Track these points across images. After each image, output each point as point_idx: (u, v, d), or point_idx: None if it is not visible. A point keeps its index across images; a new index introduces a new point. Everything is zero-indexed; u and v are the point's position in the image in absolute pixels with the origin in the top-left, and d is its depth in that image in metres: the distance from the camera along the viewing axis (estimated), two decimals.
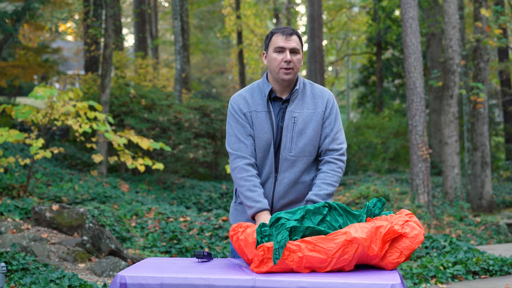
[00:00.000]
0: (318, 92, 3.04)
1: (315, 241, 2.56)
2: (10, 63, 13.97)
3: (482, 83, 12.27)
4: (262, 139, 2.97)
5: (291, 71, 2.95)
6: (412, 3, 10.36)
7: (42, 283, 4.83)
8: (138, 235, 7.64)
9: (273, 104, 3.01)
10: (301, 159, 2.97)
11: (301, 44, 2.98)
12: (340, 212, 2.73)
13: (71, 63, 24.77)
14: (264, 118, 2.98)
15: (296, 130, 2.96)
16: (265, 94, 3.00)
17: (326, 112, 3.01)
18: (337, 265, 2.57)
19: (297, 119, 2.97)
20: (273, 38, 2.97)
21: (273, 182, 2.98)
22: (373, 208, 2.80)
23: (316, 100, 3.02)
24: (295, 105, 2.99)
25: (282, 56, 2.94)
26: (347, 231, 2.58)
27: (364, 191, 12.65)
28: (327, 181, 2.95)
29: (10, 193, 8.21)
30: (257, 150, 2.99)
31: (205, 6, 25.74)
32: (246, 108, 3.00)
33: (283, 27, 2.98)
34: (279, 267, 2.58)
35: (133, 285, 2.56)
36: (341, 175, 3.02)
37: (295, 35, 2.97)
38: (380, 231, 2.60)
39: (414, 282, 5.87)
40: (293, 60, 2.94)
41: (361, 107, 23.22)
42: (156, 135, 12.35)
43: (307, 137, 2.97)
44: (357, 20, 26.52)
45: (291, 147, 2.96)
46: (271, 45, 2.98)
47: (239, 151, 2.98)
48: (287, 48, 2.94)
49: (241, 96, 3.04)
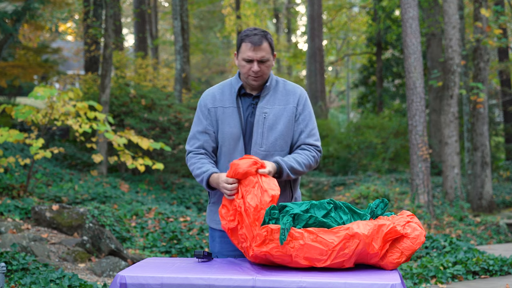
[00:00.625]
0: (290, 89, 3.05)
1: (318, 232, 2.59)
2: (10, 63, 13.97)
3: (482, 83, 12.27)
4: (228, 133, 2.98)
5: (260, 78, 2.97)
6: (412, 3, 10.36)
7: (42, 283, 4.83)
8: (138, 235, 7.64)
9: (243, 100, 3.03)
10: (272, 153, 2.97)
11: (271, 48, 2.96)
12: (345, 210, 2.75)
13: (71, 63, 24.78)
14: (232, 113, 3.00)
15: (267, 125, 2.97)
16: (235, 90, 3.02)
17: (298, 108, 3.02)
18: (336, 259, 2.57)
19: (267, 114, 2.98)
20: (242, 46, 2.95)
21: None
22: (375, 209, 2.81)
23: (288, 96, 3.03)
24: (266, 101, 3.00)
25: (250, 65, 2.94)
26: (349, 226, 2.60)
27: (364, 191, 12.66)
28: (297, 159, 2.95)
29: (10, 193, 8.21)
30: (223, 146, 3.01)
31: (205, 6, 25.74)
32: (212, 103, 3.03)
33: (252, 33, 2.94)
34: (278, 251, 2.59)
35: (133, 285, 2.56)
36: (312, 164, 2.99)
37: (265, 41, 2.93)
38: (382, 229, 2.62)
39: (414, 282, 5.87)
40: (261, 69, 2.95)
41: (361, 107, 23.22)
42: (156, 135, 12.36)
43: (278, 132, 2.97)
44: (357, 20, 26.52)
45: (262, 142, 2.96)
46: (240, 53, 2.97)
47: (191, 146, 3.05)
48: (255, 59, 2.93)
49: (210, 92, 3.08)
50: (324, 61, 24.06)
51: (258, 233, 2.61)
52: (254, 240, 2.63)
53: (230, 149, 2.99)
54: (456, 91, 11.54)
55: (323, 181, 16.31)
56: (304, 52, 27.43)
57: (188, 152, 3.07)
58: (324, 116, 22.32)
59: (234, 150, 2.99)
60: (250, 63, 2.94)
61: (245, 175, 2.74)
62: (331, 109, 35.43)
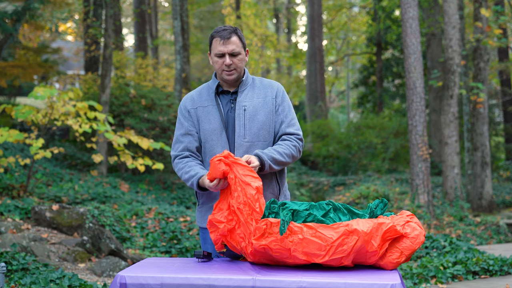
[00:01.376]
0: (267, 83, 3.15)
1: (317, 227, 2.60)
2: (10, 63, 13.97)
3: (482, 83, 12.26)
4: (209, 130, 3.05)
5: (234, 71, 3.05)
6: (412, 3, 10.36)
7: (42, 283, 4.83)
8: (138, 235, 7.64)
9: (222, 98, 3.11)
10: (256, 143, 3.03)
11: (242, 42, 3.06)
12: (344, 211, 2.76)
13: (71, 63, 24.78)
14: (211, 110, 3.07)
15: (248, 116, 3.04)
16: (212, 90, 3.10)
17: (277, 100, 3.10)
18: (335, 255, 2.57)
19: (247, 107, 3.05)
20: (213, 43, 3.04)
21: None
22: (375, 209, 2.81)
23: (265, 90, 3.11)
24: (244, 95, 3.08)
25: (222, 60, 3.03)
26: (349, 223, 2.62)
27: (364, 191, 12.65)
28: (277, 149, 3.00)
29: (10, 193, 8.21)
30: (206, 143, 3.06)
31: (205, 6, 25.74)
32: (191, 105, 3.11)
33: (222, 29, 3.04)
34: (277, 245, 2.60)
35: (133, 285, 2.56)
36: (295, 154, 3.05)
37: (235, 35, 3.03)
38: (382, 228, 2.63)
39: (414, 282, 5.87)
40: (233, 62, 3.03)
41: (361, 107, 23.22)
42: (156, 135, 12.35)
43: (260, 122, 3.04)
44: (357, 20, 26.51)
45: (245, 133, 3.03)
46: (212, 49, 3.06)
47: (175, 151, 3.11)
48: (226, 53, 3.01)
49: (189, 96, 3.17)
50: (324, 61, 24.06)
51: (257, 226, 2.63)
52: (253, 234, 2.64)
53: (213, 145, 3.05)
54: (456, 91, 11.53)
55: (323, 181, 16.31)
56: (304, 52, 27.43)
57: (174, 157, 3.12)
58: (324, 116, 22.32)
59: (217, 145, 3.04)
60: (222, 58, 3.03)
61: (223, 174, 2.78)
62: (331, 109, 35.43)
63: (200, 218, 3.15)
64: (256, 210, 2.68)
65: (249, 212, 2.68)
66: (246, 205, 2.69)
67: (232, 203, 2.73)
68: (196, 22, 30.18)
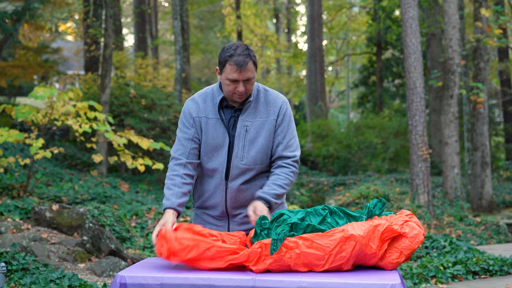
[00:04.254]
0: (271, 100, 3.02)
1: (312, 237, 2.58)
2: (10, 63, 13.97)
3: (482, 83, 12.26)
4: (211, 145, 2.98)
5: (244, 96, 2.95)
6: (412, 3, 10.36)
7: (42, 283, 4.83)
8: (138, 235, 7.64)
9: (225, 112, 3.01)
10: (253, 167, 2.98)
11: (255, 66, 2.92)
12: (340, 214, 2.74)
13: (71, 63, 24.78)
14: (215, 124, 2.98)
15: (248, 139, 2.96)
16: (216, 102, 2.99)
17: (278, 119, 2.99)
18: (334, 263, 2.57)
19: (249, 128, 2.97)
20: (227, 67, 2.87)
21: (224, 189, 2.99)
22: (373, 209, 2.81)
23: (269, 108, 3.00)
24: (247, 113, 2.98)
25: (235, 85, 2.90)
26: (344, 228, 2.59)
27: (364, 191, 12.65)
28: (277, 182, 2.95)
29: (10, 193, 8.21)
30: (204, 156, 3.01)
31: (205, 6, 25.74)
32: (196, 113, 3.01)
33: (236, 53, 2.86)
34: (277, 264, 2.58)
35: (133, 285, 2.56)
36: (293, 180, 3.01)
37: (250, 61, 2.88)
38: (378, 229, 2.61)
39: (414, 282, 5.87)
40: (246, 88, 2.92)
41: (361, 107, 23.23)
42: (156, 135, 12.35)
43: (258, 146, 2.97)
44: (357, 20, 26.51)
45: (242, 156, 2.96)
46: (224, 72, 2.90)
47: (175, 152, 3.02)
48: (240, 81, 2.89)
49: (193, 101, 3.05)
50: (324, 61, 24.05)
51: (252, 251, 2.59)
52: (248, 261, 2.61)
53: (211, 160, 3.00)
54: (456, 91, 11.53)
55: (323, 181, 16.31)
56: (304, 52, 27.43)
57: (171, 158, 3.05)
58: (324, 116, 22.32)
59: (216, 162, 2.99)
60: (235, 83, 2.90)
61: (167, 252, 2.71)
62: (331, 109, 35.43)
63: (194, 221, 3.15)
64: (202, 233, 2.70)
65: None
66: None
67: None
68: (196, 22, 30.18)
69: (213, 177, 3.01)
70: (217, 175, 2.99)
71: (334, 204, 12.69)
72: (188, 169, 2.99)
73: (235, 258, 2.60)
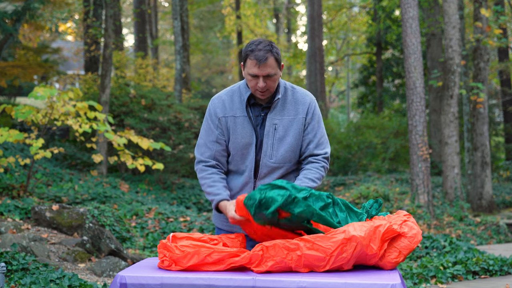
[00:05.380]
0: (299, 97, 3.02)
1: (314, 239, 2.57)
2: (10, 63, 13.96)
3: (482, 83, 12.26)
4: (240, 144, 2.97)
5: (267, 93, 2.93)
6: (412, 3, 10.35)
7: (42, 283, 4.83)
8: (138, 235, 7.64)
9: (253, 109, 3.00)
10: (282, 165, 2.98)
11: (278, 61, 2.90)
12: (342, 207, 2.73)
13: (71, 63, 24.78)
14: (243, 123, 2.97)
15: (277, 137, 2.96)
16: (244, 99, 2.98)
17: (307, 118, 3.00)
18: (335, 264, 2.57)
19: (278, 126, 2.96)
20: (248, 62, 2.89)
21: (252, 187, 2.99)
22: (370, 209, 2.81)
23: (297, 106, 3.00)
24: (275, 111, 2.97)
25: (256, 81, 2.89)
26: (345, 229, 2.58)
27: (364, 191, 12.64)
28: (308, 176, 2.95)
29: (10, 193, 8.21)
30: (235, 155, 3.00)
31: (205, 6, 25.74)
32: (223, 113, 2.99)
33: (257, 48, 2.86)
34: (278, 266, 2.59)
35: (133, 285, 2.56)
36: (323, 175, 3.01)
37: (271, 56, 2.86)
38: (379, 230, 2.61)
39: (414, 282, 5.87)
40: (267, 84, 2.90)
41: (361, 107, 23.22)
42: (156, 135, 12.35)
43: (287, 144, 2.96)
44: (357, 20, 26.51)
45: (271, 154, 2.96)
46: (246, 67, 2.91)
47: (201, 155, 3.02)
48: (260, 76, 2.88)
49: (220, 99, 3.03)
50: (324, 61, 24.04)
51: (253, 254, 2.60)
52: (249, 264, 2.62)
53: (241, 159, 2.99)
54: (456, 91, 11.53)
55: (323, 181, 16.31)
56: (304, 52, 27.42)
57: (199, 161, 3.03)
58: (324, 116, 22.32)
59: (245, 160, 2.99)
60: (256, 78, 2.89)
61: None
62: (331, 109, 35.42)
63: (216, 217, 3.13)
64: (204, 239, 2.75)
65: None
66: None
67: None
68: (196, 22, 30.18)
69: (242, 175, 3.00)
70: (246, 173, 2.98)
71: None
72: (219, 169, 3.02)
73: (237, 261, 2.60)
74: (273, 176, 2.97)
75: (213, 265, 2.61)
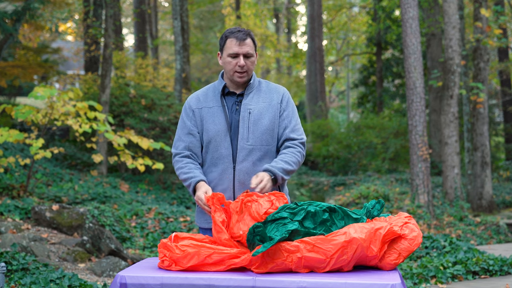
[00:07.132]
0: (273, 87, 3.16)
1: (314, 241, 2.57)
2: (10, 63, 13.96)
3: (482, 83, 12.26)
4: (213, 130, 3.05)
5: (245, 74, 3.06)
6: (412, 3, 10.35)
7: (42, 283, 4.83)
8: (138, 235, 7.64)
9: (227, 99, 3.12)
10: (259, 147, 3.04)
11: (255, 45, 3.08)
12: (341, 215, 2.72)
13: (71, 63, 24.77)
14: (216, 111, 3.08)
15: (252, 120, 3.05)
16: (218, 91, 3.10)
17: (282, 104, 3.11)
18: (336, 265, 2.57)
19: (252, 110, 3.06)
20: (227, 43, 3.05)
21: (232, 172, 3.04)
22: (372, 210, 2.80)
23: (271, 94, 3.13)
24: (250, 98, 3.09)
25: (236, 61, 3.04)
26: (346, 231, 2.58)
27: (364, 191, 12.65)
28: (284, 159, 3.02)
29: (10, 193, 8.21)
30: (210, 144, 3.07)
31: (205, 6, 25.74)
32: (196, 105, 3.12)
33: (236, 30, 3.05)
34: (278, 268, 2.58)
35: (133, 285, 2.56)
36: (300, 160, 3.08)
37: (249, 38, 3.05)
38: (380, 232, 2.60)
39: (414, 282, 5.87)
40: (246, 64, 3.05)
41: (361, 107, 23.22)
42: (156, 135, 12.35)
43: (263, 126, 3.05)
44: (357, 20, 26.51)
45: (248, 136, 3.03)
46: (225, 49, 3.06)
47: (176, 149, 3.13)
48: (240, 54, 3.03)
49: (194, 95, 3.18)
50: (324, 61, 24.05)
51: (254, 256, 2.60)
52: (249, 265, 2.61)
53: (216, 146, 3.05)
54: (456, 91, 11.53)
55: (323, 181, 16.30)
56: (304, 52, 27.42)
57: (174, 154, 3.14)
58: (324, 116, 22.32)
59: (221, 146, 3.05)
60: (236, 58, 3.03)
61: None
62: (331, 109, 35.42)
63: (199, 218, 3.16)
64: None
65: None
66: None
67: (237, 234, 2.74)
68: (196, 22, 30.16)
69: (219, 163, 3.06)
70: (224, 159, 3.04)
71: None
72: (193, 159, 3.10)
73: (237, 263, 2.61)
74: (251, 159, 3.02)
75: (213, 266, 2.62)
